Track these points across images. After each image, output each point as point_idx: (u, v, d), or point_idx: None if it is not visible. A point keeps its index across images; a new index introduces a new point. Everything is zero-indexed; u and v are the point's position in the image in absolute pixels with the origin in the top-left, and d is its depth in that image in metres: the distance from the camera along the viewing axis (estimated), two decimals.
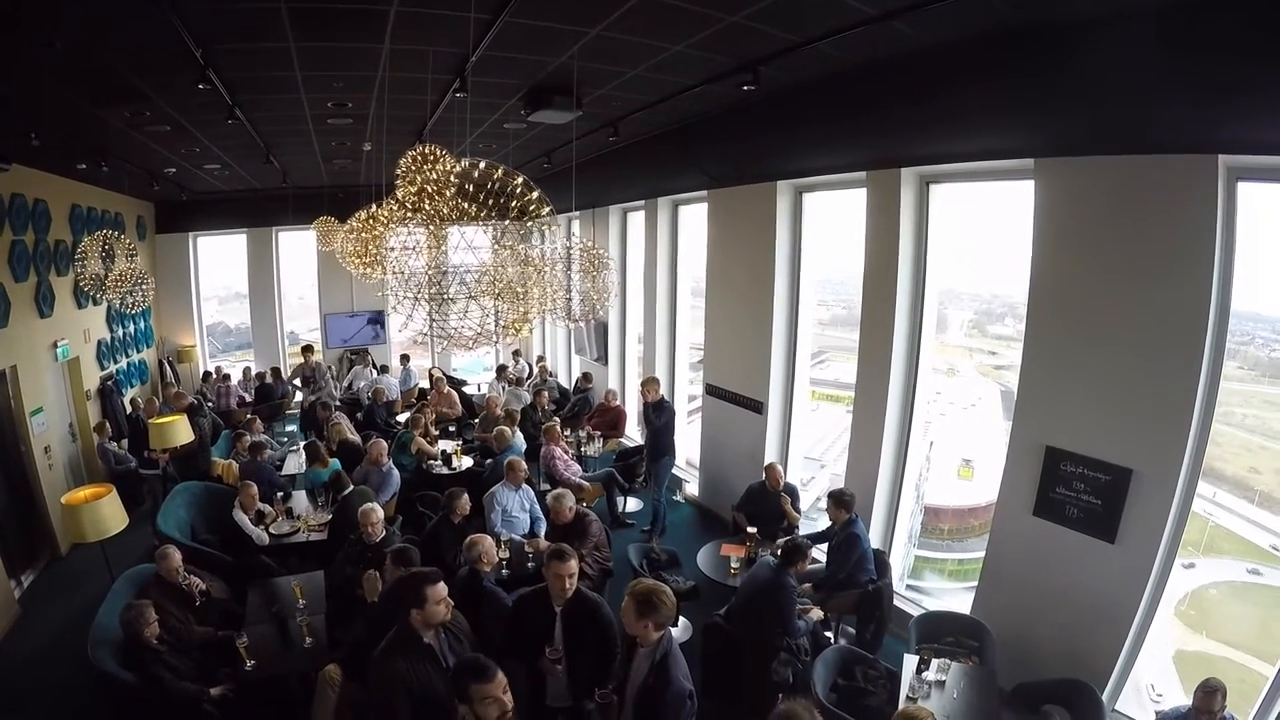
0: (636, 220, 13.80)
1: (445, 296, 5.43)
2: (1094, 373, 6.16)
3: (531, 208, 5.21)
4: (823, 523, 7.85)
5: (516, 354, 17.40)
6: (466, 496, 7.52)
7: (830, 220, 9.46)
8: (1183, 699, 5.60)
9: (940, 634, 6.66)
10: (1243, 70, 4.56)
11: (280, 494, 9.01)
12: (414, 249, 5.68)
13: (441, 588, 4.62)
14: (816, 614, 6.80)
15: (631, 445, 12.08)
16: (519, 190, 5.18)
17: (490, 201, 5.33)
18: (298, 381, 15.91)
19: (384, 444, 9.30)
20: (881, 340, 7.97)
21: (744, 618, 6.38)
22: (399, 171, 5.60)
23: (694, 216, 11.89)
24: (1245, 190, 5.46)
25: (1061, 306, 6.38)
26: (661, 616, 4.32)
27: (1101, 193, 5.98)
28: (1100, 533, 6.18)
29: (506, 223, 5.52)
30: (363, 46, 5.96)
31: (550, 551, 5.20)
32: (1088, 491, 6.24)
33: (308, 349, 16.34)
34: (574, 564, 5.10)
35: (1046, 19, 5.15)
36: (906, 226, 7.68)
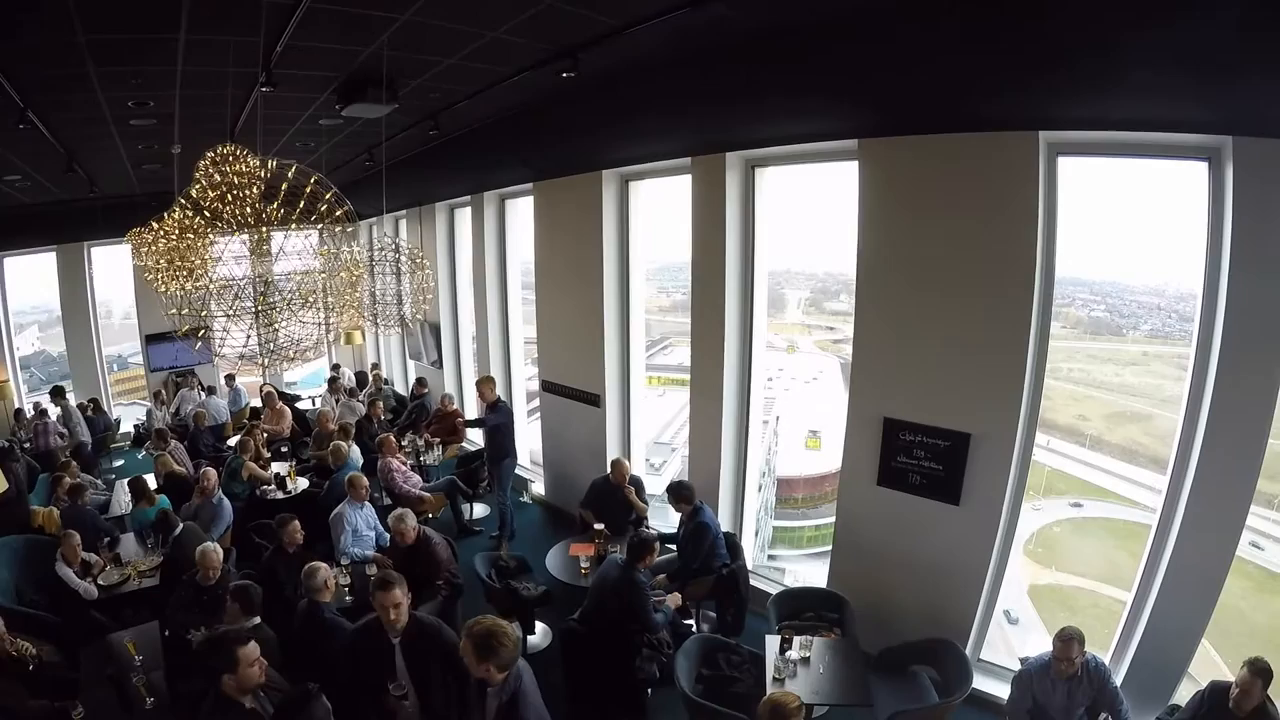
0: (464, 217, 13.39)
1: (264, 308, 5.06)
2: (926, 343, 6.35)
3: (328, 210, 4.86)
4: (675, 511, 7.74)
5: (337, 367, 16.69)
6: (297, 522, 7.01)
7: (666, 207, 9.39)
8: (1039, 626, 5.74)
9: (800, 610, 6.71)
10: (1062, 50, 4.74)
11: (106, 539, 8.19)
12: (220, 259, 5.29)
13: (253, 648, 4.25)
14: (674, 600, 6.65)
15: (473, 449, 11.66)
16: (312, 190, 4.85)
17: (297, 204, 5.00)
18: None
19: (214, 473, 8.63)
20: (713, 323, 7.98)
21: (599, 618, 6.19)
22: (196, 174, 5.18)
23: (523, 211, 11.61)
24: (1065, 164, 5.79)
25: (889, 282, 6.55)
26: (502, 659, 4.01)
27: (925, 170, 6.17)
28: (945, 496, 6.39)
29: (292, 227, 5.15)
30: (156, 37, 5.38)
31: (374, 581, 4.92)
32: (928, 458, 6.42)
33: (57, 391, 14.19)
34: (399, 593, 4.84)
35: (871, 2, 5.12)
36: (733, 210, 7.69)
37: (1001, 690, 6.14)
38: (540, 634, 7.50)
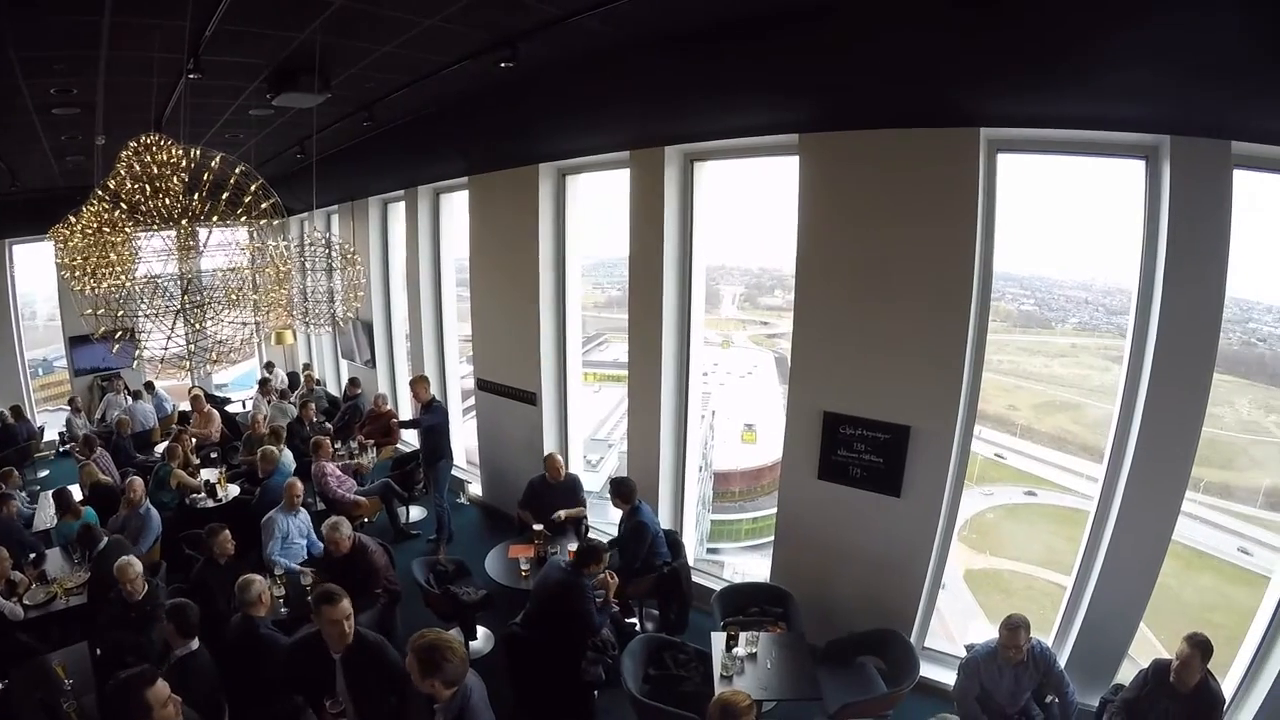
0: (398, 212, 13.10)
1: (187, 307, 4.87)
2: (865, 338, 6.41)
3: (253, 203, 4.68)
4: (614, 511, 7.66)
5: (270, 366, 16.13)
6: (228, 532, 6.74)
7: (602, 202, 9.30)
8: (974, 606, 5.83)
9: (744, 605, 6.69)
10: (1001, 49, 4.86)
11: (32, 556, 7.73)
12: (140, 256, 5.08)
13: (162, 687, 3.83)
14: (612, 583, 6.39)
15: (408, 451, 11.40)
16: (238, 183, 4.66)
17: (221, 197, 4.82)
18: None
19: (140, 482, 8.20)
20: (651, 318, 7.94)
21: (542, 622, 6.08)
22: (118, 165, 4.96)
23: (458, 205, 11.42)
24: (1004, 161, 5.90)
25: (829, 276, 6.58)
26: (448, 674, 3.87)
27: (866, 165, 6.20)
28: (885, 489, 6.47)
29: (215, 221, 4.95)
30: (79, 19, 5.09)
31: (318, 595, 4.73)
32: (869, 451, 6.48)
33: None
34: (347, 604, 4.66)
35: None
36: (672, 204, 7.65)
37: (947, 677, 6.20)
38: (483, 639, 7.38)
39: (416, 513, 10.51)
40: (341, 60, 6.41)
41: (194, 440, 11.19)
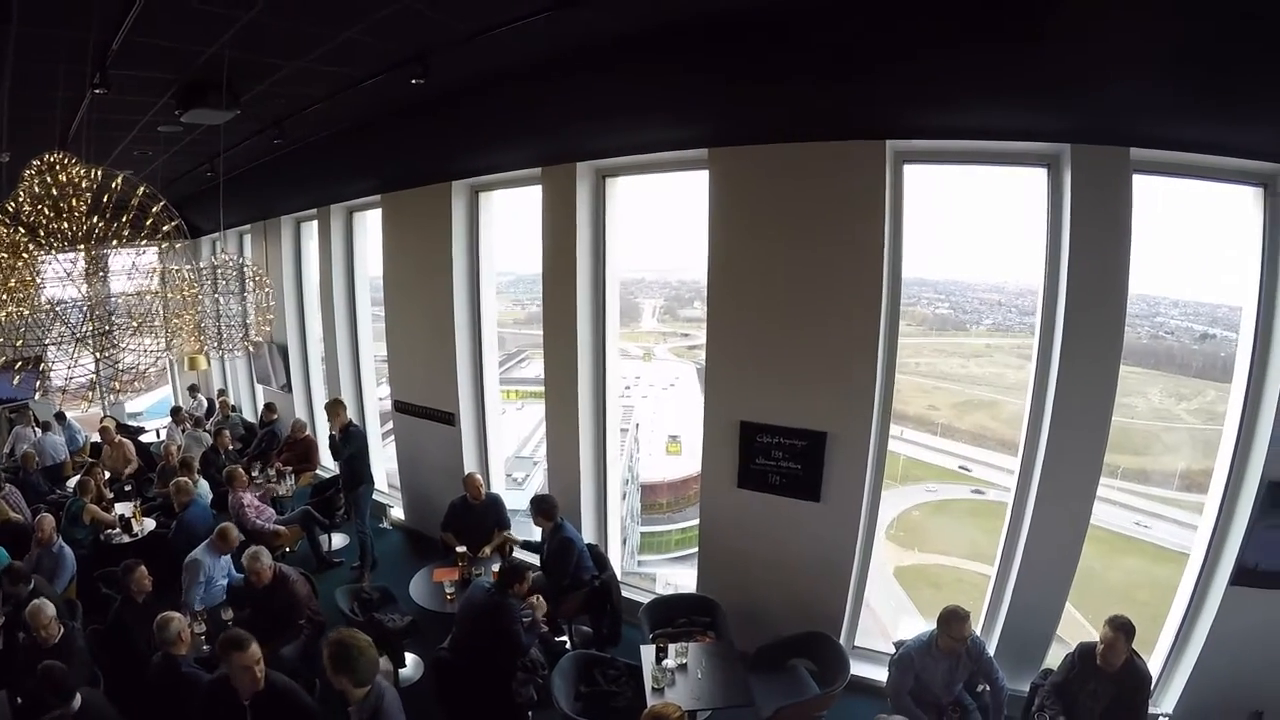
0: (311, 231, 12.71)
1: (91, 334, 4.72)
2: (779, 347, 6.53)
3: (155, 224, 4.56)
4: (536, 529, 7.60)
5: (194, 389, 15.82)
6: (144, 568, 6.47)
7: (518, 218, 9.24)
8: (906, 602, 5.95)
9: (672, 616, 6.74)
10: (906, 61, 4.99)
11: None
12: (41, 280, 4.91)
13: None
14: (540, 606, 6.35)
15: (328, 476, 11.04)
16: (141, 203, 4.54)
17: (123, 218, 4.68)
18: None
19: (50, 519, 7.80)
20: (566, 333, 7.93)
21: (470, 646, 6.00)
22: (21, 184, 4.80)
23: (371, 224, 11.23)
24: (910, 171, 6.13)
25: (740, 288, 6.68)
26: (358, 673, 3.88)
27: (775, 178, 6.33)
28: (805, 494, 6.59)
29: (116, 243, 4.82)
30: None
31: (224, 641, 4.58)
32: (787, 458, 6.59)
33: None
34: (256, 650, 4.53)
35: (726, 8, 5.14)
36: (584, 219, 7.65)
37: (879, 674, 6.33)
38: (411, 665, 7.21)
39: (339, 540, 10.24)
40: (251, 75, 6.26)
41: (107, 473, 10.78)
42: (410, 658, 7.17)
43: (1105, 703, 5.24)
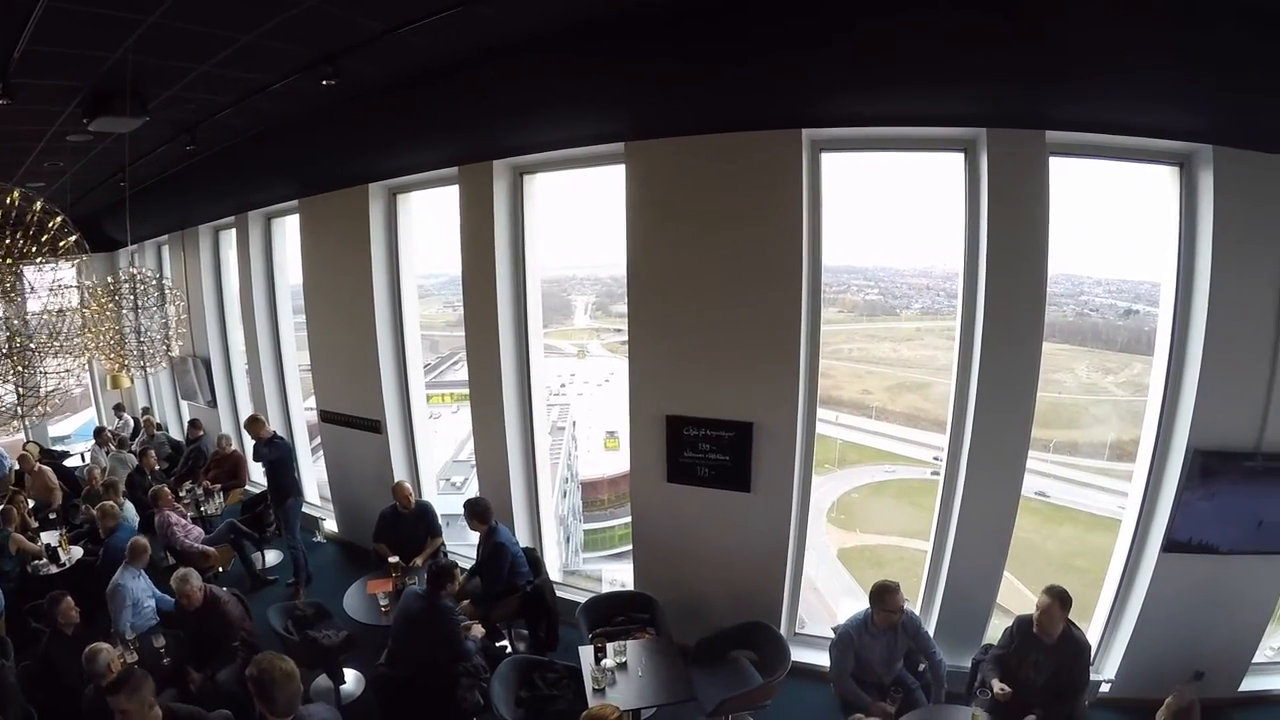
0: (231, 240, 12.29)
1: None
2: (702, 339, 6.56)
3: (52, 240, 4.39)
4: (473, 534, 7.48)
5: (119, 409, 15.26)
6: (70, 599, 6.22)
7: (445, 218, 9.07)
8: (851, 583, 5.99)
9: (610, 615, 6.72)
10: (819, 49, 4.99)
11: None
12: None
13: None
14: (478, 630, 6.43)
15: (257, 492, 10.76)
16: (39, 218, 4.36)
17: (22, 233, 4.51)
18: None
19: None
20: (488, 333, 7.85)
21: (409, 655, 5.90)
22: None
23: (290, 230, 10.93)
24: (828, 159, 6.20)
25: (661, 282, 6.70)
26: (276, 704, 3.71)
27: (692, 170, 6.35)
28: (735, 485, 6.64)
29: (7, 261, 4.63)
30: None
31: (114, 683, 4.36)
32: (715, 450, 6.63)
33: None
34: (147, 694, 4.31)
35: (632, 7, 5.08)
36: (502, 218, 7.59)
37: (821, 659, 6.35)
38: (352, 681, 7.06)
39: (272, 557, 9.96)
40: (158, 81, 6.02)
41: (31, 501, 10.34)
42: (350, 673, 7.03)
43: (1047, 674, 5.33)
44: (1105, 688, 6.63)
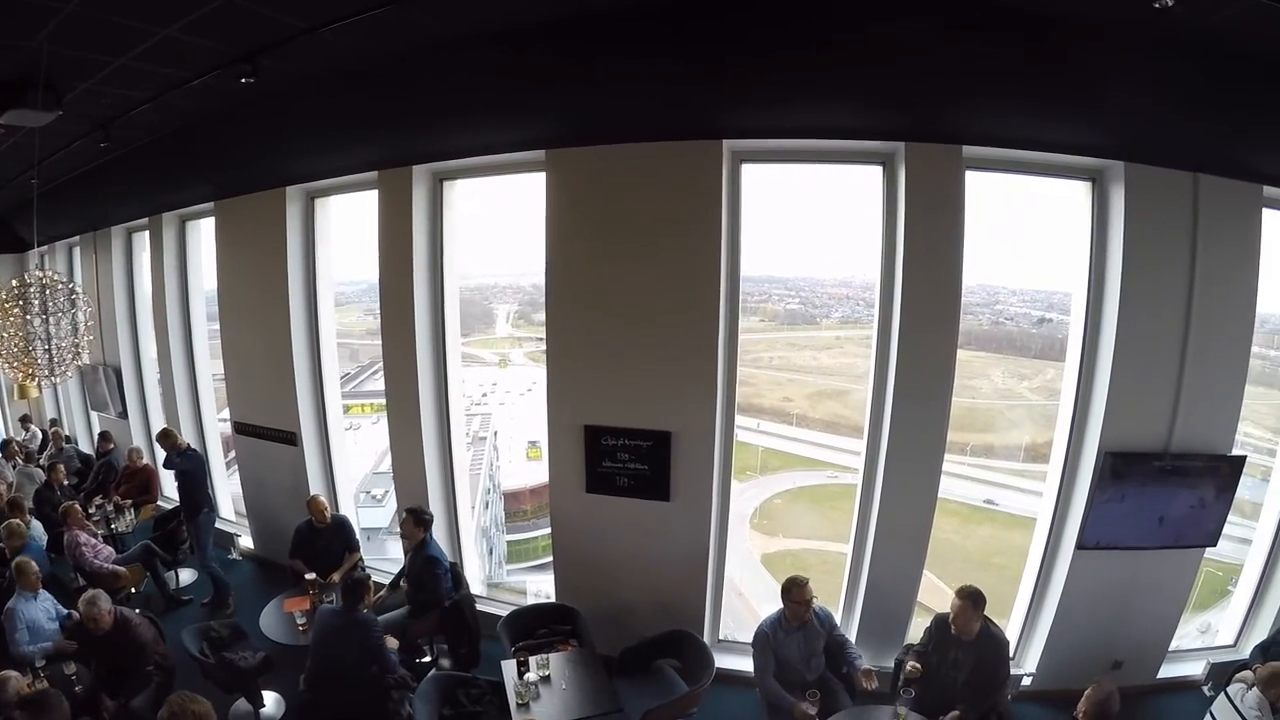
0: (145, 242, 11.77)
1: None
2: (620, 349, 6.58)
3: None
4: (394, 548, 7.34)
5: (25, 420, 14.71)
6: None
7: (366, 224, 8.89)
8: (775, 588, 6.06)
9: (533, 628, 6.65)
10: (740, 66, 5.13)
11: None
12: None
13: None
14: (392, 643, 6.23)
15: (170, 508, 10.22)
16: None
17: None
18: None
19: None
20: (405, 342, 7.70)
21: (332, 674, 5.74)
22: None
23: (206, 233, 10.50)
24: (749, 170, 6.29)
25: (579, 291, 6.67)
26: None
27: (613, 179, 6.35)
28: (655, 494, 6.69)
29: None
30: None
31: (23, 704, 4.31)
32: (633, 460, 6.66)
33: None
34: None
35: (554, 16, 5.09)
36: (421, 224, 7.46)
37: (746, 664, 6.32)
38: (272, 704, 6.80)
39: (186, 575, 9.56)
40: (74, 73, 5.83)
41: None
42: (270, 696, 6.79)
43: (967, 671, 5.46)
44: (1027, 681, 6.88)
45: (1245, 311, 6.13)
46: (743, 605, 7.10)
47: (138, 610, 6.50)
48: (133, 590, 8.50)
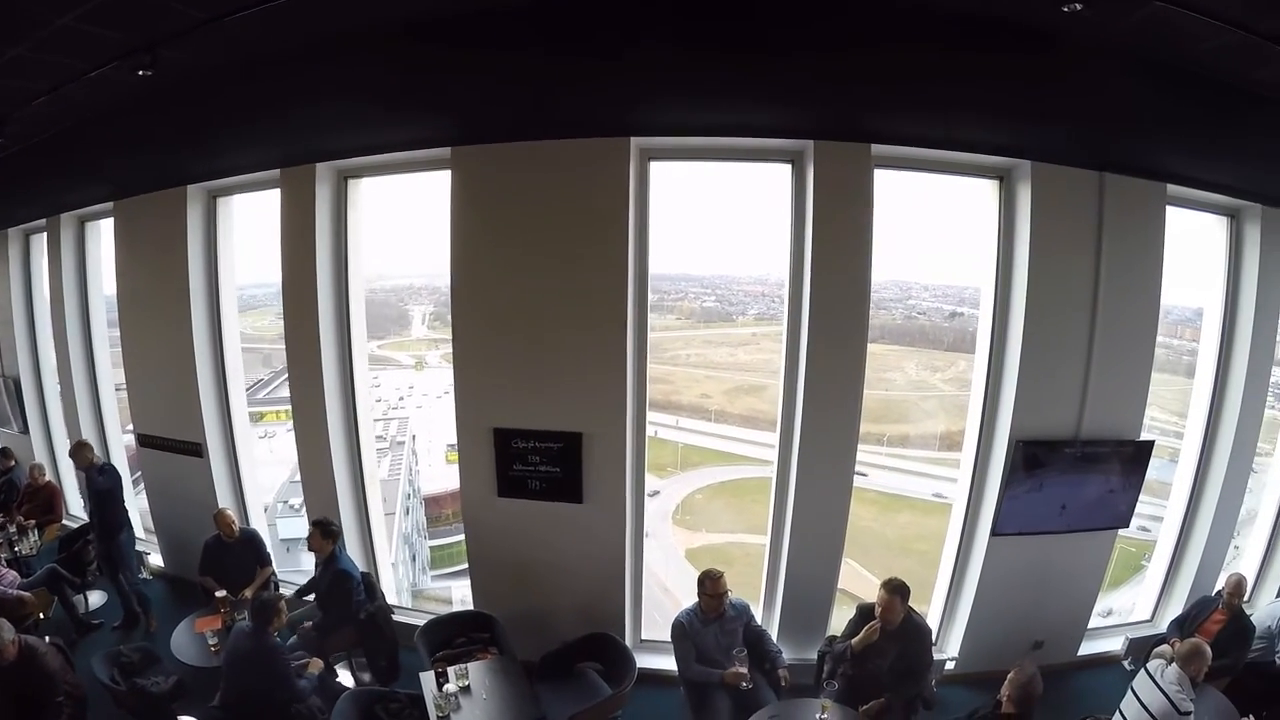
0: (42, 245, 11.16)
1: None
2: (528, 350, 6.51)
3: None
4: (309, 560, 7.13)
5: None
6: None
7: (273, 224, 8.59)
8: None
9: (451, 637, 6.55)
10: (646, 63, 5.05)
11: None
12: None
13: None
14: (316, 666, 6.12)
15: (76, 526, 9.79)
16: None
17: None
18: None
19: None
20: (309, 345, 7.45)
21: (242, 699, 5.56)
22: None
23: (106, 234, 9.96)
24: (659, 168, 6.27)
25: (486, 291, 6.56)
26: None
27: (520, 176, 6.26)
28: (567, 497, 6.66)
29: None
30: None
31: None
32: (544, 462, 6.61)
33: None
34: None
35: (457, 10, 4.93)
36: (324, 224, 7.24)
37: (669, 664, 6.31)
38: None
39: (96, 598, 9.01)
40: None
41: None
42: None
43: (890, 659, 5.56)
44: (950, 665, 7.05)
45: (1150, 304, 6.40)
46: (670, 601, 7.09)
47: (46, 638, 6.15)
48: (41, 616, 8.02)
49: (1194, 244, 7.25)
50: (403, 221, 7.77)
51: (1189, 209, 6.84)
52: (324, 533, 6.70)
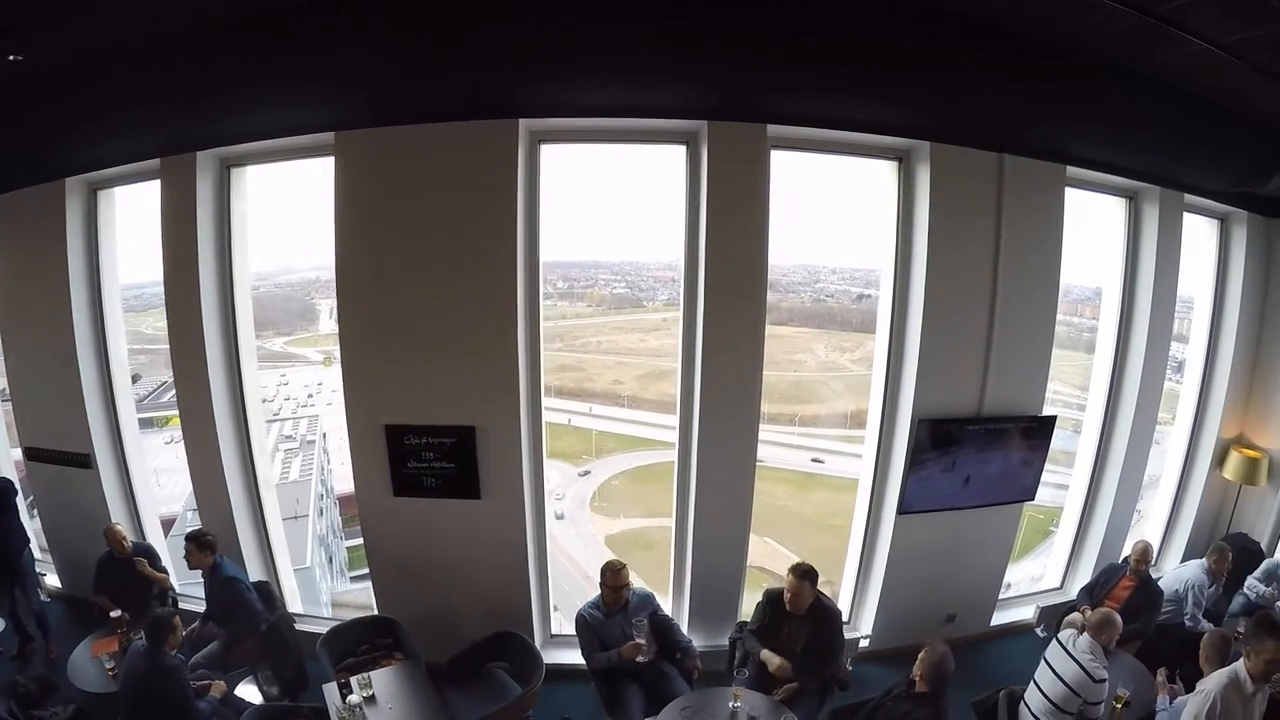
0: None
1: None
2: (417, 341, 6.29)
3: None
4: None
5: None
6: None
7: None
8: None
9: (354, 646, 6.32)
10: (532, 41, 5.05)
11: None
12: None
13: None
14: (219, 689, 5.83)
15: None
16: None
17: None
18: None
19: None
20: (193, 342, 7.07)
21: None
22: None
23: None
24: (549, 151, 6.14)
25: (373, 281, 6.31)
26: None
27: (407, 162, 6.03)
28: (465, 493, 6.50)
29: None
30: None
31: None
32: (439, 458, 6.44)
33: None
34: None
35: None
36: (206, 215, 6.87)
37: (577, 657, 6.23)
38: None
39: None
40: None
41: None
42: None
43: (802, 642, 5.60)
44: (864, 643, 7.11)
45: (1050, 283, 6.54)
46: (592, 588, 6.99)
47: None
48: None
49: (1093, 224, 7.44)
50: (306, 213, 7.39)
51: (1088, 190, 7.00)
52: (199, 545, 6.40)
